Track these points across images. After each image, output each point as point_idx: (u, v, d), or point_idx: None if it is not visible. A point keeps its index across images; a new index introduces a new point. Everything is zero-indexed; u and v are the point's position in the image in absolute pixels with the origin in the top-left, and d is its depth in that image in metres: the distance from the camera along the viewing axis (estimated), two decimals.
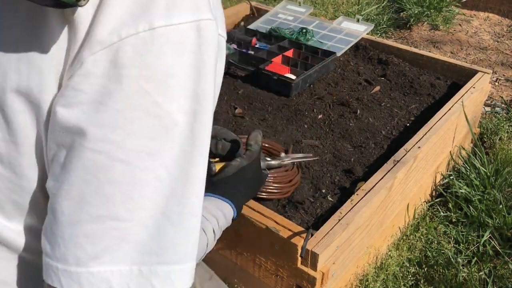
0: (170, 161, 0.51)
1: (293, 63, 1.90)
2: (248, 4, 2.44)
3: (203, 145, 0.54)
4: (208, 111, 0.53)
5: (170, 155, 0.51)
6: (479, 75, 1.79)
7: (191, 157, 0.53)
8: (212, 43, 0.52)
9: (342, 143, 1.52)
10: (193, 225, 0.55)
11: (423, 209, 1.71)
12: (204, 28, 0.51)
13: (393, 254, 1.51)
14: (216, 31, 0.53)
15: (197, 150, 0.53)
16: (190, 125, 0.51)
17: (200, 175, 0.55)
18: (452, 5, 3.35)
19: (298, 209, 1.25)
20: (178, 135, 0.51)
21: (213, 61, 0.53)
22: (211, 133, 0.56)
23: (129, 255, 0.51)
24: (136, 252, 0.51)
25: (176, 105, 0.50)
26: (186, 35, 0.50)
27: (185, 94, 0.51)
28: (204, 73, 0.52)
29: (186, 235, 0.54)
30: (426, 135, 1.46)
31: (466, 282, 1.45)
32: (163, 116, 0.50)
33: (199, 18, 0.50)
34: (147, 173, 0.50)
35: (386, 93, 1.81)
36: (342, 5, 3.58)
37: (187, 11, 0.50)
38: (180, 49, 0.49)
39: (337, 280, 1.22)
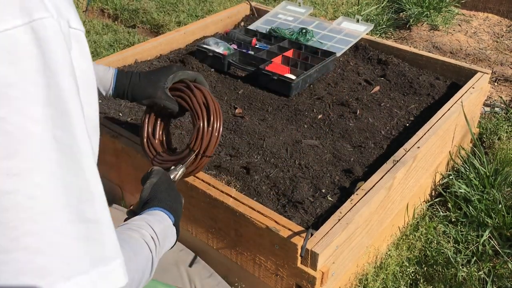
0: (43, 175, 0.47)
1: (293, 63, 1.90)
2: (248, 4, 2.44)
3: (77, 149, 0.50)
4: (70, 113, 0.49)
5: (40, 170, 0.47)
6: (479, 75, 1.79)
7: (69, 165, 0.49)
8: (56, 41, 0.48)
9: (342, 143, 1.53)
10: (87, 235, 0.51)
11: (423, 209, 1.71)
12: (40, 29, 0.47)
13: (393, 254, 1.52)
14: (57, 27, 0.49)
15: (69, 155, 0.49)
16: (50, 132, 0.48)
17: (91, 178, 0.52)
18: (451, 5, 3.36)
19: (298, 209, 1.26)
20: (38, 146, 0.47)
21: (63, 60, 0.49)
22: (86, 131, 0.51)
23: (31, 285, 0.47)
24: (39, 278, 0.48)
25: (25, 116, 0.46)
26: (18, 41, 0.46)
27: (35, 101, 0.47)
28: (54, 76, 0.48)
29: (83, 247, 0.51)
30: (426, 135, 1.46)
31: (466, 281, 1.46)
32: (12, 130, 0.45)
33: (31, 19, 0.47)
34: (18, 195, 0.46)
35: (386, 93, 1.81)
36: (342, 6, 3.59)
37: (14, 16, 0.46)
38: (14, 56, 0.46)
39: (337, 280, 1.23)
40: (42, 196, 0.47)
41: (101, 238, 0.52)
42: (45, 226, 0.48)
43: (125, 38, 3.17)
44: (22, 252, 0.47)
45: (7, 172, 0.46)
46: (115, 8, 3.62)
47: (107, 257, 0.53)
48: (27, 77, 0.46)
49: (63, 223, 0.49)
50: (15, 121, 0.46)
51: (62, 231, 0.49)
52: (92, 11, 3.70)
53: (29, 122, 0.47)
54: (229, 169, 1.38)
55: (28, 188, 0.47)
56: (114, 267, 0.53)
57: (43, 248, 0.48)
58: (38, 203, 0.47)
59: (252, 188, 1.32)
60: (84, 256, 0.50)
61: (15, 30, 0.46)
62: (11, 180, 0.46)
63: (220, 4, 3.61)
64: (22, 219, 0.46)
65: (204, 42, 1.96)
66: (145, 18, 3.45)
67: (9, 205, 0.46)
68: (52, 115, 0.48)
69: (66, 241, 0.49)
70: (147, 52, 1.99)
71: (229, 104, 1.71)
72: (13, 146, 0.46)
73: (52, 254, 0.48)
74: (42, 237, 0.47)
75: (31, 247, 0.47)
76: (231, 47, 1.97)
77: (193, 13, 3.49)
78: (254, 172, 1.36)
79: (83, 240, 0.50)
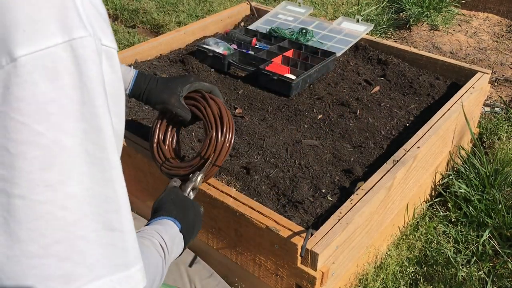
0: (75, 187, 0.50)
1: (293, 63, 1.90)
2: (248, 4, 2.44)
3: (107, 162, 0.53)
4: (102, 128, 0.52)
5: (72, 182, 0.50)
6: (479, 75, 1.79)
7: (99, 177, 0.52)
8: (91, 59, 0.51)
9: (342, 143, 1.53)
10: (120, 239, 0.55)
11: (423, 209, 1.71)
12: (78, 47, 0.49)
13: (393, 254, 1.52)
14: (93, 46, 0.51)
15: (100, 168, 0.52)
16: (83, 146, 0.50)
17: (119, 189, 0.55)
18: (451, 6, 3.36)
19: (298, 208, 1.26)
20: (72, 160, 0.50)
21: (97, 78, 0.52)
22: (115, 145, 0.54)
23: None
24: (64, 284, 0.50)
25: (61, 131, 0.49)
26: (58, 58, 0.48)
27: (71, 116, 0.49)
28: (87, 93, 0.50)
29: (107, 255, 0.53)
30: (426, 135, 1.46)
31: (466, 281, 1.46)
32: (49, 144, 0.48)
33: (70, 38, 0.49)
34: (50, 205, 0.49)
35: (386, 93, 1.81)
36: (342, 6, 3.59)
37: (54, 33, 0.48)
38: (54, 73, 0.48)
39: (337, 280, 1.23)
40: (73, 207, 0.50)
41: (124, 246, 0.55)
42: (74, 235, 0.51)
43: (125, 38, 3.17)
44: (52, 259, 0.50)
45: (42, 184, 0.48)
46: (115, 8, 3.62)
47: (128, 263, 0.56)
48: (64, 93, 0.49)
49: (91, 232, 0.52)
50: (52, 135, 0.48)
51: (89, 239, 0.52)
52: None
53: (64, 136, 0.49)
54: (229, 169, 1.38)
55: (61, 199, 0.49)
56: (134, 272, 0.56)
57: (71, 256, 0.50)
58: (69, 213, 0.50)
59: (252, 188, 1.32)
60: (108, 262, 0.53)
61: (56, 48, 0.48)
62: (45, 191, 0.49)
63: (220, 4, 3.61)
64: (53, 228, 0.49)
65: (204, 42, 1.96)
66: (145, 18, 3.45)
67: (42, 214, 0.49)
68: (85, 129, 0.51)
69: (92, 248, 0.52)
70: (147, 52, 1.99)
71: (229, 104, 1.71)
72: (49, 159, 0.48)
73: (79, 261, 0.51)
74: (71, 245, 0.50)
75: (60, 255, 0.50)
76: (231, 47, 1.97)
77: (193, 13, 3.49)
78: (254, 172, 1.36)
79: (108, 247, 0.53)
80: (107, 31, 0.55)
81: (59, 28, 0.48)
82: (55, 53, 0.48)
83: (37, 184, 0.48)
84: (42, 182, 0.48)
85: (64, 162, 0.49)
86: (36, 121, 0.47)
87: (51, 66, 0.48)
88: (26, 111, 0.47)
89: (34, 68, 0.47)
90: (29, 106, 0.47)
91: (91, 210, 0.52)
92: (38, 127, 0.48)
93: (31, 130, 0.47)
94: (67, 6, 0.49)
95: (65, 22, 0.49)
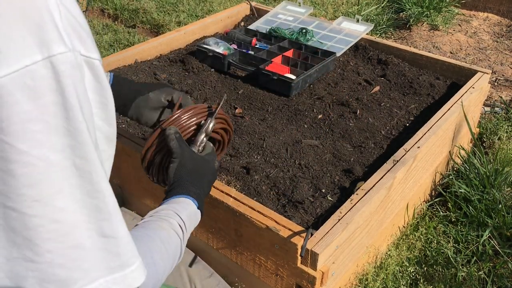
0: (66, 200, 0.52)
1: (293, 63, 1.90)
2: (248, 4, 2.44)
3: (95, 175, 0.54)
4: (87, 142, 0.53)
5: (62, 195, 0.51)
6: (479, 75, 1.79)
7: (89, 188, 0.53)
8: (72, 75, 0.50)
9: (342, 143, 1.53)
10: (112, 243, 0.56)
11: (423, 209, 1.71)
12: (59, 63, 0.49)
13: (393, 254, 1.52)
14: (74, 61, 0.50)
15: (89, 180, 0.53)
16: (70, 161, 0.51)
17: (108, 198, 0.56)
18: (451, 5, 3.36)
19: (298, 208, 1.26)
20: (60, 174, 0.51)
21: (79, 92, 0.52)
22: (98, 157, 0.55)
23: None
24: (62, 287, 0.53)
25: (46, 147, 0.49)
26: (39, 76, 0.48)
27: (56, 132, 0.50)
28: (70, 108, 0.50)
29: (99, 258, 0.55)
30: (426, 135, 1.46)
31: (466, 281, 1.46)
32: (34, 162, 0.49)
33: (50, 54, 0.48)
34: (40, 219, 0.50)
35: (386, 93, 1.81)
36: (342, 5, 3.59)
37: (33, 51, 0.47)
38: (35, 91, 0.48)
39: (337, 280, 1.23)
40: (64, 219, 0.52)
41: (118, 250, 0.57)
42: (67, 245, 0.52)
43: (125, 38, 3.17)
44: (46, 265, 0.52)
45: (30, 199, 0.50)
46: (115, 8, 3.62)
47: (123, 264, 0.58)
48: (47, 110, 0.49)
49: (84, 240, 0.54)
50: (36, 153, 0.49)
51: (83, 247, 0.54)
52: (92, 11, 3.70)
53: (51, 152, 0.50)
54: (229, 169, 1.38)
55: (51, 213, 0.51)
56: (130, 272, 0.59)
57: (65, 263, 0.53)
58: (61, 226, 0.52)
59: (252, 188, 1.32)
60: (103, 265, 0.56)
61: (36, 66, 0.47)
62: (35, 205, 0.50)
63: (220, 4, 3.61)
64: (45, 239, 0.51)
65: (204, 42, 1.96)
66: (145, 18, 3.45)
67: (33, 226, 0.50)
68: (72, 144, 0.51)
69: (86, 255, 0.54)
70: (147, 52, 1.99)
71: (229, 104, 1.71)
72: (36, 176, 0.49)
73: (73, 267, 0.53)
74: (64, 254, 0.52)
75: (54, 262, 0.52)
76: (231, 47, 1.97)
77: (193, 13, 3.49)
78: (254, 172, 1.36)
79: (102, 252, 0.55)
80: (88, 42, 0.54)
81: (38, 45, 0.48)
82: (35, 70, 0.47)
83: (25, 199, 0.49)
84: (30, 197, 0.49)
85: (52, 177, 0.50)
86: (20, 140, 0.48)
87: (32, 84, 0.47)
88: (10, 131, 0.47)
89: (15, 88, 0.47)
90: (12, 126, 0.47)
91: (84, 219, 0.53)
92: (22, 146, 0.48)
93: (15, 149, 0.48)
94: (45, 21, 0.49)
95: (43, 38, 0.48)
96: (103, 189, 0.55)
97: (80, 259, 0.53)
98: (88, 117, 0.54)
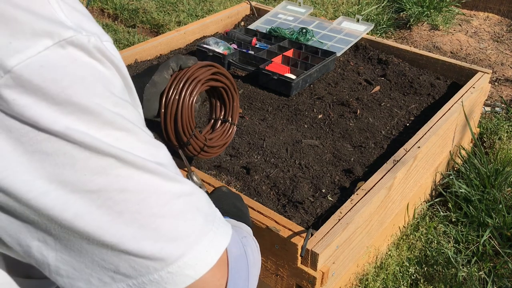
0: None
1: (293, 63, 1.90)
2: (248, 4, 2.44)
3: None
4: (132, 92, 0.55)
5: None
6: (479, 75, 1.79)
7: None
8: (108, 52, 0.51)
9: (342, 143, 1.53)
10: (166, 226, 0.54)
11: (423, 209, 1.71)
12: (79, 43, 0.47)
13: (393, 254, 1.52)
14: (88, 43, 0.48)
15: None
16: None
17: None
18: (452, 5, 3.36)
19: (298, 208, 1.26)
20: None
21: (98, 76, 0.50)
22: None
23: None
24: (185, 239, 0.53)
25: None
26: (59, 56, 0.46)
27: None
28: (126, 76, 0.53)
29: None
30: (426, 135, 1.46)
31: (466, 281, 1.46)
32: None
33: (61, 39, 0.46)
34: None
35: (386, 93, 1.81)
36: (342, 5, 3.59)
37: (42, 37, 0.45)
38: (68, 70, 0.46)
39: (337, 280, 1.23)
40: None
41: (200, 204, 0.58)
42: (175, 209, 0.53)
43: (125, 38, 3.17)
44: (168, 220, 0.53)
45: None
46: (115, 7, 3.62)
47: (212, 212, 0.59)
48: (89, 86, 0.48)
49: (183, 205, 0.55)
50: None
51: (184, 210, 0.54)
52: (92, 11, 3.70)
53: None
54: (229, 169, 1.38)
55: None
56: (218, 216, 0.60)
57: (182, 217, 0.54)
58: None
59: (252, 188, 1.32)
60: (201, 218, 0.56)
61: (49, 50, 0.45)
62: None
63: (220, 4, 3.60)
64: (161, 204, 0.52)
65: (204, 42, 1.96)
66: (145, 18, 3.45)
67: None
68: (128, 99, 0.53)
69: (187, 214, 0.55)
70: (147, 52, 1.99)
71: None
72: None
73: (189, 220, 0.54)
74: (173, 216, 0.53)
75: (165, 226, 0.52)
76: (231, 47, 1.97)
77: (193, 13, 3.49)
78: (254, 172, 1.36)
79: (195, 211, 0.56)
80: (96, 28, 0.53)
81: (47, 33, 0.45)
82: (49, 55, 0.45)
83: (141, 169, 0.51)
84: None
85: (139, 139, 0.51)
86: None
87: (48, 65, 0.45)
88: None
89: (32, 73, 0.44)
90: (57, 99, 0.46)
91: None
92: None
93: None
94: (54, 12, 0.47)
95: (52, 27, 0.46)
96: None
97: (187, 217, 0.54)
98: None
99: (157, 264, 0.51)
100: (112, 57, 0.51)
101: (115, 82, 0.51)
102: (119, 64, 0.52)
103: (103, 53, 0.49)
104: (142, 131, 0.52)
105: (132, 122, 0.51)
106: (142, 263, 0.50)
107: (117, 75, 0.52)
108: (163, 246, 0.51)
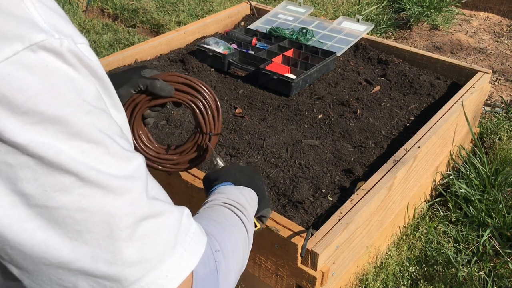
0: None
1: (293, 63, 1.90)
2: (248, 4, 2.44)
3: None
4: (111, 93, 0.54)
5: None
6: (479, 75, 1.79)
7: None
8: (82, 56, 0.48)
9: (342, 143, 1.53)
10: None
11: (423, 209, 1.71)
12: (51, 48, 0.45)
13: (393, 254, 1.52)
14: (61, 47, 0.46)
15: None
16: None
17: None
18: (452, 5, 3.36)
19: (298, 208, 1.26)
20: None
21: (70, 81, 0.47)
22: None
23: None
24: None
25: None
26: (29, 60, 0.43)
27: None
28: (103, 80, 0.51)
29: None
30: (426, 135, 1.46)
31: (466, 281, 1.46)
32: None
33: (32, 43, 0.43)
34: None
35: (386, 93, 1.81)
36: (342, 5, 3.59)
37: (13, 41, 0.42)
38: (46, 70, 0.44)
39: (337, 280, 1.23)
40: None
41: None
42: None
43: (125, 37, 3.17)
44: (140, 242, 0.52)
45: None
46: (115, 7, 3.62)
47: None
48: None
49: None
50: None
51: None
52: (92, 10, 3.70)
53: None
54: None
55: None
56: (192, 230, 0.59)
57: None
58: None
59: None
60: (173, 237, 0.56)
61: (18, 55, 0.43)
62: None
63: (220, 4, 3.60)
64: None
65: (204, 42, 1.96)
66: (145, 17, 3.45)
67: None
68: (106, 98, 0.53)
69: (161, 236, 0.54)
70: (147, 52, 1.99)
71: (229, 104, 1.71)
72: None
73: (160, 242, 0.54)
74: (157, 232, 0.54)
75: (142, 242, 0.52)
76: (231, 46, 1.97)
77: (193, 13, 3.49)
78: None
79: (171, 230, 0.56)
80: (71, 29, 0.50)
81: (16, 37, 0.43)
82: (19, 60, 0.43)
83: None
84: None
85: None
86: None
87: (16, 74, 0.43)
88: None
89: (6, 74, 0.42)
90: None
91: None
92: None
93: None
94: (28, 11, 0.45)
95: (23, 29, 0.44)
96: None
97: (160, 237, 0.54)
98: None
99: (115, 285, 0.50)
100: (87, 60, 0.48)
101: (89, 88, 0.48)
102: (94, 67, 0.50)
103: (77, 57, 0.47)
104: (113, 143, 0.49)
105: (104, 131, 0.48)
106: (100, 283, 0.50)
107: (92, 80, 0.49)
108: (120, 269, 0.50)
